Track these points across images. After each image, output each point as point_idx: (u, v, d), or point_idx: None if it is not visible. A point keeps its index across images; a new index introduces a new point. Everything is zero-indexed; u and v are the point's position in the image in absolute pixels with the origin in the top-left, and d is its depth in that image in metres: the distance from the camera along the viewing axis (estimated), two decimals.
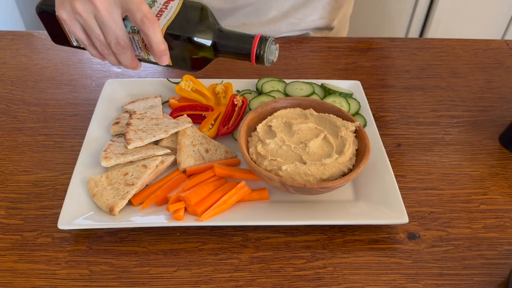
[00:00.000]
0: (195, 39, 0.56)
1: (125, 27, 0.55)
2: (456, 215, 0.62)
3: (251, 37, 0.56)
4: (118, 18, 0.54)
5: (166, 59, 0.57)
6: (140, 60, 0.60)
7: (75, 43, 0.61)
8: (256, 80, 0.80)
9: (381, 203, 0.60)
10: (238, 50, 0.57)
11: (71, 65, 0.87)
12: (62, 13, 0.54)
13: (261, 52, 0.56)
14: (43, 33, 0.96)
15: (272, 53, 0.57)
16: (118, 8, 0.53)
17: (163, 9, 0.56)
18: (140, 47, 0.58)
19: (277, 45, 0.57)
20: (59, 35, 0.61)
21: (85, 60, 0.89)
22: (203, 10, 0.57)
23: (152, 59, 0.59)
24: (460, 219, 0.62)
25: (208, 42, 0.56)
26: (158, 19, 0.55)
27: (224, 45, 0.57)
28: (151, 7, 0.56)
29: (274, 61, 0.58)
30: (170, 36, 0.55)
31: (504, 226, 0.61)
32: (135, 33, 0.56)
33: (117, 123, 0.70)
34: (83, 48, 0.61)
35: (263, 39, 0.56)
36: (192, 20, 0.56)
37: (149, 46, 0.55)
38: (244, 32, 0.57)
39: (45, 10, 0.59)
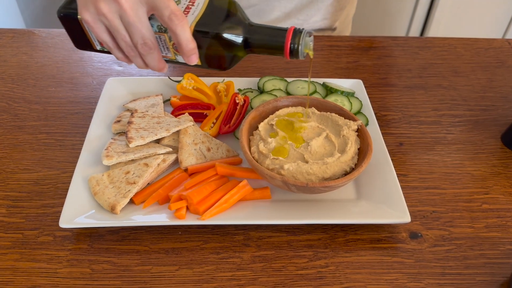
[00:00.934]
0: (225, 35, 0.53)
1: (151, 26, 0.53)
2: (458, 215, 0.62)
3: (284, 30, 0.53)
4: (144, 17, 0.52)
5: (195, 58, 0.54)
6: (166, 61, 0.58)
7: (98, 47, 0.59)
8: (258, 78, 0.80)
9: (383, 202, 0.60)
10: (271, 46, 0.54)
11: (72, 63, 0.87)
12: (86, 15, 0.52)
13: (296, 46, 0.53)
14: (44, 31, 0.95)
15: (307, 45, 0.54)
16: (144, 7, 0.51)
17: (190, 6, 0.54)
18: (167, 47, 0.55)
19: (312, 36, 0.54)
20: (81, 39, 0.59)
21: (86, 58, 0.88)
22: (231, 4, 0.55)
23: (180, 60, 0.57)
24: (462, 218, 0.62)
25: (239, 39, 0.54)
26: (186, 16, 0.53)
27: (255, 40, 0.54)
28: (177, 5, 0.53)
29: (311, 55, 0.55)
30: (198, 33, 0.53)
31: (506, 226, 0.61)
32: (162, 32, 0.54)
33: (119, 121, 0.69)
34: (107, 52, 0.59)
35: (297, 32, 0.53)
36: (221, 16, 0.54)
37: (177, 45, 0.53)
38: (276, 26, 0.55)
39: (67, 14, 0.56)
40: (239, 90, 0.78)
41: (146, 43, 0.53)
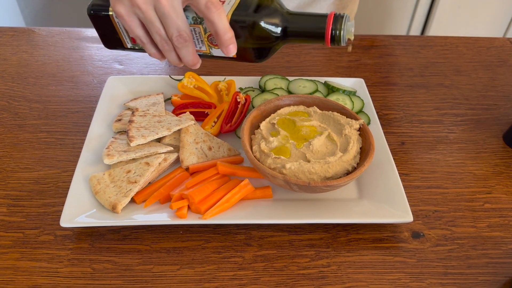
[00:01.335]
0: (264, 24, 0.52)
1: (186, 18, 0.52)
2: (460, 214, 0.62)
3: (324, 16, 0.51)
4: (179, 8, 0.50)
5: (233, 48, 0.52)
6: (200, 56, 0.56)
7: (129, 45, 0.58)
8: (259, 77, 0.79)
9: (385, 201, 0.60)
10: (311, 33, 0.52)
11: (72, 61, 0.87)
12: (120, 8, 0.50)
13: (337, 32, 0.51)
14: (44, 29, 0.95)
15: (349, 31, 0.52)
16: None
17: None
18: (201, 40, 0.54)
19: (353, 21, 0.52)
20: (111, 37, 0.58)
21: (87, 57, 0.88)
22: None
23: (214, 53, 0.55)
24: (464, 218, 0.61)
25: (277, 27, 0.52)
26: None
27: (295, 28, 0.52)
28: None
29: (351, 40, 0.53)
30: (235, 23, 0.52)
31: (509, 225, 0.61)
32: (197, 24, 0.52)
33: (119, 120, 0.69)
34: (138, 50, 0.58)
35: (338, 17, 0.51)
36: (258, 5, 0.52)
37: (214, 35, 0.51)
38: (314, 12, 0.53)
39: (98, 11, 0.55)
40: (240, 88, 0.78)
41: (182, 35, 0.51)
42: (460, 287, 0.54)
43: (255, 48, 0.54)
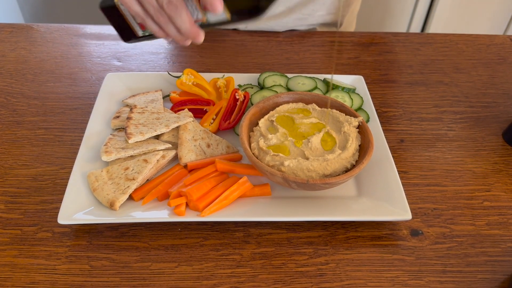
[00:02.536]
0: None
1: None
2: (459, 212, 0.62)
3: None
4: None
5: (219, 3, 0.52)
6: (201, 26, 0.56)
7: (140, 32, 0.59)
8: (258, 74, 0.79)
9: (384, 199, 0.59)
10: None
11: (70, 58, 0.87)
12: None
13: None
14: (42, 26, 0.95)
15: None
16: None
17: None
18: (196, 8, 0.54)
19: None
20: (124, 28, 0.59)
21: (85, 54, 0.88)
22: None
23: (210, 18, 0.55)
24: (463, 215, 0.61)
25: None
26: None
27: None
28: None
29: None
30: None
31: (508, 223, 0.60)
32: None
33: (118, 117, 0.69)
34: (149, 36, 0.59)
35: None
36: None
37: None
38: None
39: (107, 4, 0.57)
40: (239, 86, 0.77)
41: (171, 1, 0.52)
42: (458, 285, 0.54)
43: (244, 2, 0.54)
